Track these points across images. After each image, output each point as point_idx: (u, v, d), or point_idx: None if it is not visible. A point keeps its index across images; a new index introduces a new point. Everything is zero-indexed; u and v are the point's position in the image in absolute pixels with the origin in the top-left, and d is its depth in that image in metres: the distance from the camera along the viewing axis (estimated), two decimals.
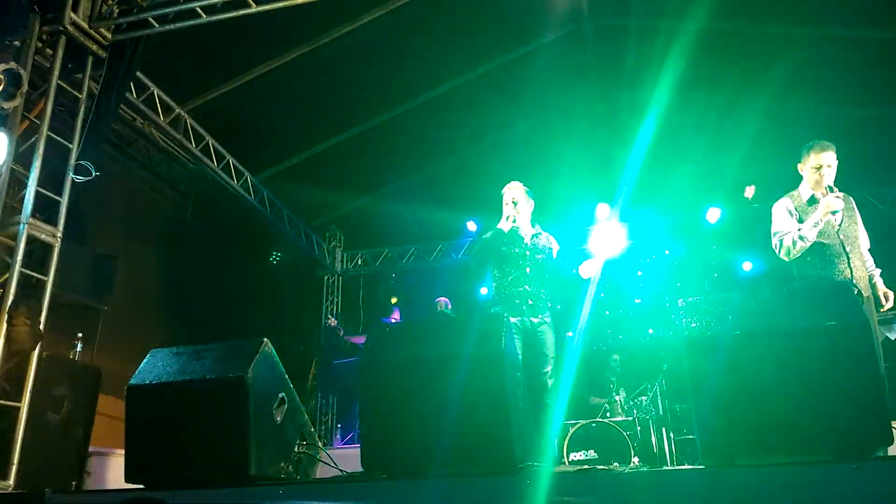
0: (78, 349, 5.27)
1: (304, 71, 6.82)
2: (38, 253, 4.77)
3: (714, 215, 8.56)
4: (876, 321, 3.88)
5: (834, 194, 3.76)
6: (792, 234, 3.86)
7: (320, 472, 3.36)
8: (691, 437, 6.14)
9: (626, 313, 8.13)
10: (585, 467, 3.05)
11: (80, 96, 5.18)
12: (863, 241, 3.97)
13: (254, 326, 7.85)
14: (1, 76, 4.52)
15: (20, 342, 4.37)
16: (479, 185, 6.69)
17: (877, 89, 7.18)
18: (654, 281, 8.57)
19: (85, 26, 5.10)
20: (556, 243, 4.55)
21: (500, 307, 4.26)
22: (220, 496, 2.57)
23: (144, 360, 3.10)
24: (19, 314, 4.40)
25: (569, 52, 7.49)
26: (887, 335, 6.17)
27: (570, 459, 5.72)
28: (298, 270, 9.98)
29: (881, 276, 3.99)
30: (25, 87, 4.71)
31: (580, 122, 8.13)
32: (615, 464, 5.34)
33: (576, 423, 5.94)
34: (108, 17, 5.20)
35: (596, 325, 7.64)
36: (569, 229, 7.61)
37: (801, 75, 6.96)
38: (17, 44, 4.84)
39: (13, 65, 4.61)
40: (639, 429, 6.07)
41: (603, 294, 7.74)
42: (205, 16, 5.20)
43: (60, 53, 4.99)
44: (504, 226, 4.31)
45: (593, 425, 5.93)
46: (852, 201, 3.96)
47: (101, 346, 5.80)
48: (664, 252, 8.73)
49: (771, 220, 4.07)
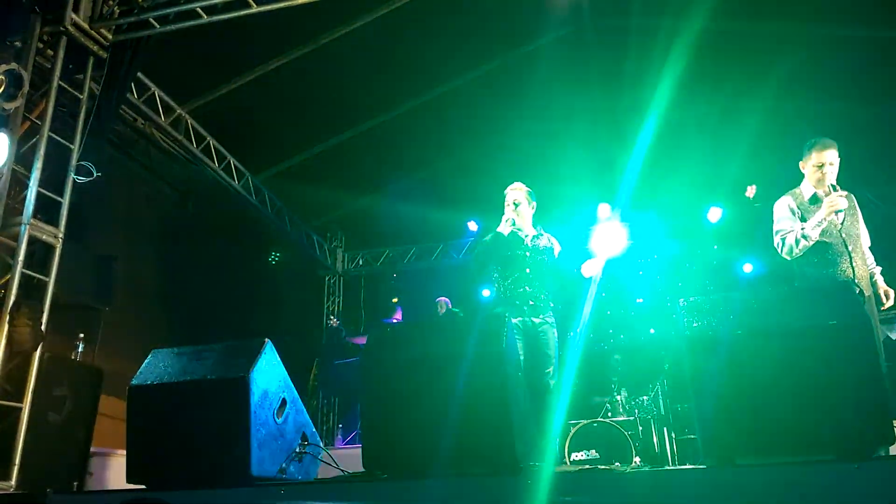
0: (79, 350, 5.28)
1: (305, 71, 6.81)
2: (39, 254, 4.78)
3: (715, 215, 8.55)
4: (877, 320, 3.87)
5: (837, 193, 3.72)
6: (795, 233, 3.81)
7: (321, 472, 3.37)
8: (693, 436, 6.13)
9: (628, 313, 8.11)
10: (587, 467, 3.06)
11: (81, 97, 5.18)
12: (864, 240, 3.94)
13: (255, 327, 7.84)
14: (2, 77, 4.53)
15: (22, 343, 4.37)
16: (480, 185, 6.69)
17: (878, 88, 7.17)
18: (656, 280, 8.55)
19: (86, 27, 5.11)
20: (557, 244, 4.56)
21: (502, 308, 4.27)
22: (222, 496, 2.58)
23: (146, 361, 3.10)
24: (21, 315, 4.40)
25: (570, 51, 7.48)
26: (889, 334, 6.16)
27: (572, 459, 5.71)
28: (299, 270, 9.98)
29: (882, 274, 3.97)
30: (26, 87, 4.71)
31: (581, 122, 8.12)
32: (616, 464, 5.33)
33: (577, 423, 5.93)
34: (109, 18, 5.21)
35: (597, 325, 7.62)
36: (570, 229, 7.59)
37: (802, 74, 6.95)
38: (18, 44, 4.84)
39: (14, 65, 4.62)
40: (640, 428, 6.05)
41: (604, 294, 7.72)
42: (205, 16, 5.21)
43: (61, 54, 4.99)
44: (503, 228, 4.31)
45: (595, 425, 5.92)
46: (854, 199, 3.92)
47: (103, 347, 5.82)
48: (665, 251, 8.71)
49: (772, 220, 4.05)
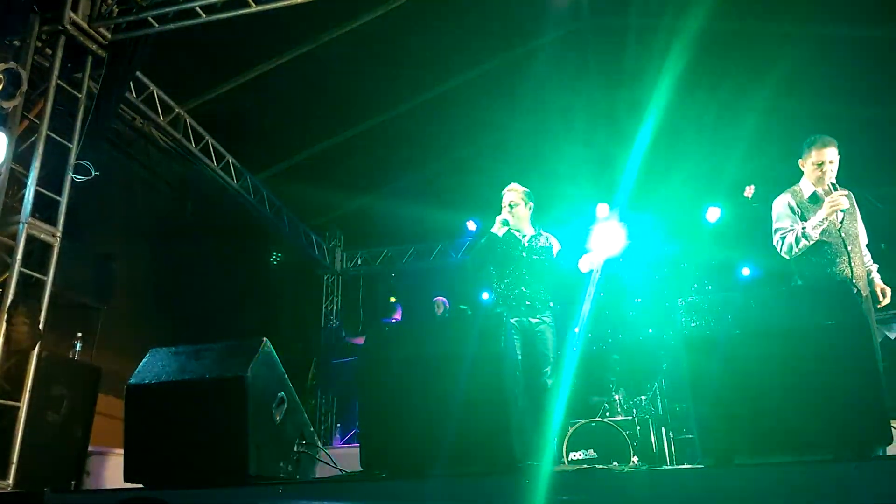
0: (77, 349, 5.27)
1: (304, 70, 6.81)
2: (37, 252, 4.77)
3: (714, 215, 8.56)
4: (874, 320, 3.87)
5: (839, 192, 3.69)
6: (795, 232, 3.79)
7: (320, 471, 3.37)
8: (691, 436, 6.13)
9: (626, 312, 8.11)
10: (585, 466, 3.06)
11: (79, 96, 5.17)
12: (862, 238, 3.93)
13: (253, 326, 7.85)
14: (0, 76, 4.52)
15: (20, 342, 4.37)
16: (479, 185, 6.70)
17: (876, 88, 7.18)
18: (654, 280, 8.55)
19: (85, 26, 5.10)
20: (556, 243, 4.55)
21: (501, 308, 4.28)
22: (220, 496, 2.58)
23: (144, 360, 3.10)
24: (19, 314, 4.40)
25: (568, 51, 7.49)
26: (887, 334, 6.17)
27: (570, 459, 5.71)
28: (298, 270, 9.97)
29: (878, 272, 3.96)
30: (25, 86, 4.70)
31: (580, 122, 8.13)
32: (614, 463, 5.34)
33: (575, 423, 5.94)
34: (108, 17, 5.20)
35: (596, 325, 7.62)
36: (568, 228, 7.60)
37: (800, 74, 6.96)
38: (16, 43, 4.83)
39: (13, 64, 4.61)
40: (638, 428, 6.06)
41: (603, 293, 7.73)
42: (204, 15, 5.20)
43: (60, 53, 4.98)
44: (497, 230, 4.31)
45: (593, 425, 5.93)
46: (852, 197, 3.90)
47: (101, 346, 5.81)
48: (664, 251, 8.72)
49: (771, 219, 4.03)
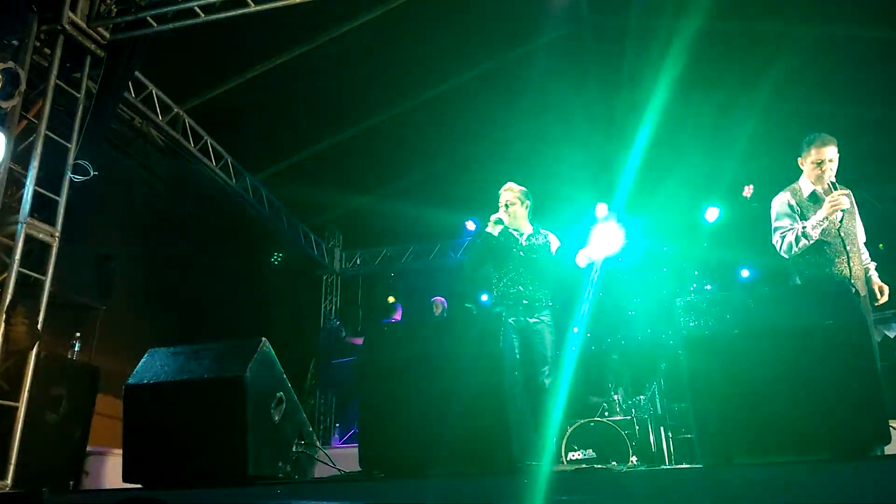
0: (76, 348, 5.28)
1: (303, 70, 6.81)
2: (36, 252, 4.76)
3: (712, 215, 8.57)
4: (871, 319, 3.86)
5: (840, 192, 3.66)
6: (795, 231, 3.76)
7: (318, 471, 3.36)
8: (689, 436, 6.13)
9: (625, 312, 8.12)
10: (583, 466, 3.05)
11: (78, 96, 5.17)
12: (860, 236, 3.92)
13: (252, 326, 7.84)
14: None
15: (18, 342, 4.36)
16: (478, 185, 6.69)
17: (874, 88, 7.18)
18: (653, 280, 8.56)
19: (83, 26, 5.09)
20: (555, 239, 4.52)
21: (500, 308, 4.27)
22: (218, 496, 2.57)
23: (142, 360, 3.10)
24: (17, 314, 4.39)
25: (567, 51, 7.49)
26: (886, 333, 6.17)
27: (569, 459, 5.72)
28: (297, 270, 9.97)
29: (876, 270, 3.96)
30: (23, 86, 4.69)
31: (579, 122, 8.13)
32: (613, 463, 5.34)
33: (574, 423, 5.94)
34: (107, 17, 5.19)
35: (595, 325, 7.63)
36: (567, 229, 7.60)
37: (799, 74, 6.97)
38: (15, 43, 4.83)
39: (11, 64, 4.61)
40: (637, 428, 6.07)
41: (602, 293, 7.74)
42: (203, 15, 5.20)
43: (59, 53, 4.98)
44: (492, 229, 4.30)
45: (592, 424, 5.93)
46: (852, 195, 3.86)
47: (99, 346, 5.82)
48: (663, 251, 8.72)
49: (770, 218, 4.01)
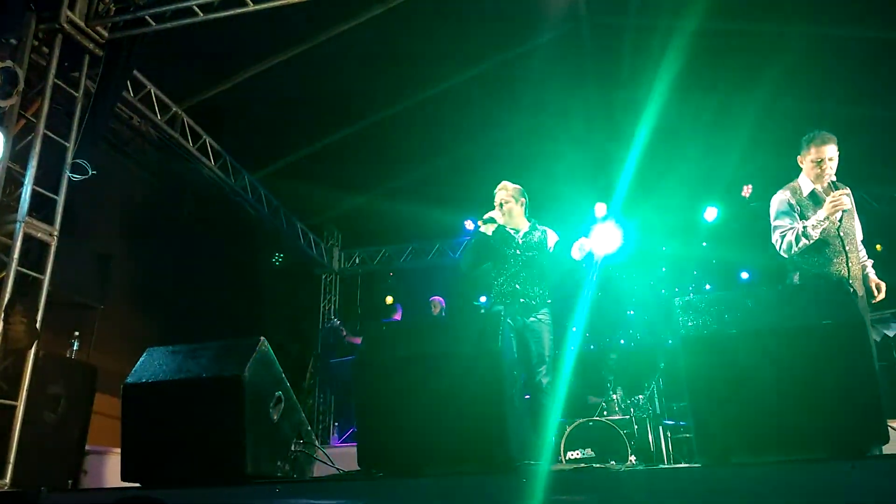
0: (74, 348, 5.28)
1: (301, 69, 6.80)
2: (34, 251, 4.76)
3: (711, 214, 8.58)
4: (870, 319, 3.86)
5: (841, 192, 3.63)
6: (795, 231, 3.73)
7: (317, 470, 3.36)
8: (688, 435, 6.14)
9: (624, 312, 8.14)
10: (582, 466, 3.05)
11: (76, 95, 5.16)
12: (858, 235, 3.90)
13: (251, 325, 7.85)
14: None
15: (17, 341, 4.36)
16: (477, 184, 6.67)
17: (872, 88, 7.19)
18: (652, 280, 8.58)
19: (81, 24, 5.09)
20: (553, 235, 4.47)
21: (499, 307, 4.27)
22: (217, 495, 2.57)
23: (141, 359, 3.09)
24: (16, 312, 4.39)
25: (566, 51, 7.48)
26: (886, 333, 6.17)
27: (567, 458, 5.72)
28: (296, 269, 9.97)
29: (873, 268, 3.94)
30: (22, 85, 4.69)
31: (577, 121, 8.14)
32: (612, 462, 5.35)
33: (573, 422, 5.95)
34: (105, 16, 5.19)
35: (594, 324, 7.65)
36: (566, 228, 7.61)
37: (797, 74, 6.97)
38: (13, 42, 4.82)
39: (9, 63, 4.60)
40: (636, 427, 6.08)
41: (601, 294, 7.76)
42: (202, 14, 5.20)
43: (57, 52, 4.97)
44: (486, 229, 4.28)
45: (590, 424, 5.94)
46: (851, 195, 3.80)
47: (98, 345, 5.82)
48: (661, 251, 8.74)
49: (769, 218, 3.99)
